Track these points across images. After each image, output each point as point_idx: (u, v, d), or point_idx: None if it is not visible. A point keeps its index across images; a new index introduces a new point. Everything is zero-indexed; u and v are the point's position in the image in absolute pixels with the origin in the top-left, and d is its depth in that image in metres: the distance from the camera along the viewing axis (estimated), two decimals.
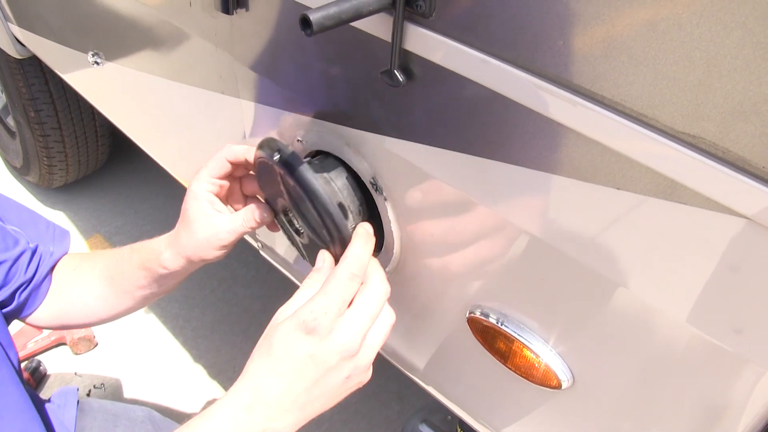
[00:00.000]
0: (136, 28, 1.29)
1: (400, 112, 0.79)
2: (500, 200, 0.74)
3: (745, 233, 0.55)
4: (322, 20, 0.64)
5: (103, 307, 1.08)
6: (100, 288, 1.07)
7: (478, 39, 0.66)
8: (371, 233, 0.85)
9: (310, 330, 0.75)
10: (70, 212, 2.78)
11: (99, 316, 1.09)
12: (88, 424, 1.18)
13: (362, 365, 0.79)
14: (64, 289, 1.09)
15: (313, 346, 0.76)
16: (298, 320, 0.76)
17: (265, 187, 0.96)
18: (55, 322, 1.10)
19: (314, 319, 0.75)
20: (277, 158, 0.84)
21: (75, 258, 1.13)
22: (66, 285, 1.09)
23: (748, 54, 0.49)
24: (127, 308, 1.09)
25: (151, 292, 1.05)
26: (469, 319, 0.87)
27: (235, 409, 0.76)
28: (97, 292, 1.07)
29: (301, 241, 0.97)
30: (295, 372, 0.76)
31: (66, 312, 1.09)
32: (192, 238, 0.95)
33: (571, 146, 0.63)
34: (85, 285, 1.08)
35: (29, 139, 2.44)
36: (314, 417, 0.80)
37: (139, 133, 1.67)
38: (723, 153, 0.53)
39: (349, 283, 0.78)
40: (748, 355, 0.61)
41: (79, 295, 1.08)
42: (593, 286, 0.71)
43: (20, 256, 1.02)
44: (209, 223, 0.94)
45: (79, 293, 1.08)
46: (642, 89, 0.56)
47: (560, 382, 0.81)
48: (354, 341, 0.77)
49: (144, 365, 2.22)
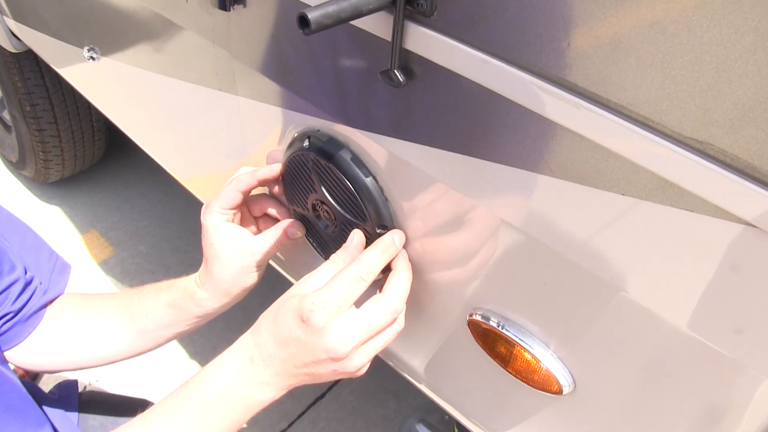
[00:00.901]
0: (132, 23, 1.28)
1: (399, 112, 0.77)
2: (502, 203, 0.73)
3: (754, 242, 0.54)
4: (320, 19, 0.63)
5: (118, 348, 1.04)
6: (116, 327, 1.03)
7: (480, 39, 0.64)
8: (394, 244, 0.85)
9: (305, 320, 0.77)
10: (66, 207, 2.76)
11: (110, 357, 1.05)
12: (91, 416, 1.17)
13: (350, 368, 0.79)
14: (67, 329, 1.03)
15: (305, 335, 0.77)
16: (299, 305, 0.78)
17: (293, 189, 0.95)
18: (42, 363, 1.03)
19: (311, 311, 0.76)
20: (307, 144, 0.84)
21: (78, 296, 1.08)
22: (70, 324, 1.03)
23: (760, 59, 0.47)
24: (145, 348, 1.05)
25: (176, 332, 1.03)
26: (470, 321, 0.86)
27: (242, 359, 0.81)
28: (112, 331, 1.03)
29: (331, 234, 0.96)
30: (288, 347, 0.79)
31: (63, 352, 1.03)
32: (226, 270, 0.95)
33: (574, 150, 0.62)
34: (97, 325, 1.03)
35: (25, 134, 2.42)
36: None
37: (135, 129, 1.66)
38: (732, 160, 0.52)
39: (353, 284, 0.78)
40: (748, 362, 0.60)
41: (87, 335, 1.03)
42: (596, 291, 0.70)
43: (13, 284, 0.96)
44: (240, 248, 0.94)
45: (87, 333, 1.03)
46: (649, 93, 0.54)
47: (561, 388, 0.80)
48: (343, 346, 0.76)
49: (140, 361, 2.21)
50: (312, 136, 0.87)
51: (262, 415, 2.02)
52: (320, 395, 2.11)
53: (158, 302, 1.00)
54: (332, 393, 2.12)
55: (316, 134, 0.88)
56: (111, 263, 2.52)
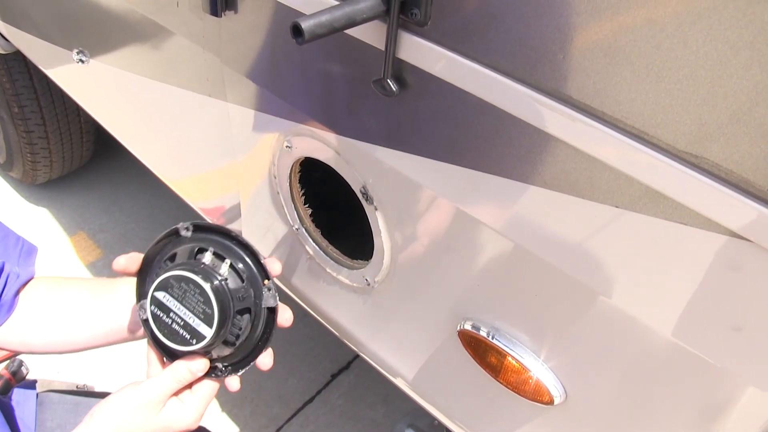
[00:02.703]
0: (122, 27, 1.27)
1: (392, 122, 0.77)
2: (494, 214, 0.73)
3: (746, 254, 0.54)
4: (314, 28, 0.62)
5: (99, 328, 1.01)
6: (96, 306, 1.01)
7: (474, 49, 0.64)
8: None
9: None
10: (54, 209, 2.74)
11: (91, 337, 1.01)
12: (49, 416, 1.15)
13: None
14: (45, 309, 1.01)
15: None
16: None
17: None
18: (17, 343, 1.02)
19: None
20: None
21: (52, 278, 1.05)
22: (47, 305, 1.02)
23: (755, 74, 0.47)
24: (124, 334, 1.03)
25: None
26: (460, 332, 0.86)
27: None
28: (92, 309, 1.01)
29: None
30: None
31: (42, 333, 1.01)
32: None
33: (568, 162, 0.62)
34: (75, 302, 1.01)
35: (13, 135, 2.40)
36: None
37: (123, 132, 1.65)
38: (726, 174, 0.52)
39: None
40: (734, 370, 0.61)
41: (65, 315, 1.01)
42: (587, 302, 0.70)
43: None
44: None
45: (65, 312, 1.01)
46: (644, 107, 0.54)
47: (552, 398, 0.79)
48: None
49: (127, 365, 2.19)
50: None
51: (251, 419, 2.02)
52: (309, 399, 2.10)
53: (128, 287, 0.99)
54: (321, 397, 2.11)
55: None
56: (99, 266, 2.50)
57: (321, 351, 2.19)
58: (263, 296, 0.84)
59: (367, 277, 0.97)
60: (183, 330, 0.82)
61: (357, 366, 2.17)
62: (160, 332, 0.82)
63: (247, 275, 0.83)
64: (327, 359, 2.18)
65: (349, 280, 1.01)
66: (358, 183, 0.86)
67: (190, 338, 0.81)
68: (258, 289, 0.84)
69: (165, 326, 0.82)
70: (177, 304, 0.82)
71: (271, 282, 0.84)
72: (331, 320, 1.15)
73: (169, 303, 0.82)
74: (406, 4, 0.66)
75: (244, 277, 0.83)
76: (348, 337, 1.13)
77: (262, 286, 0.84)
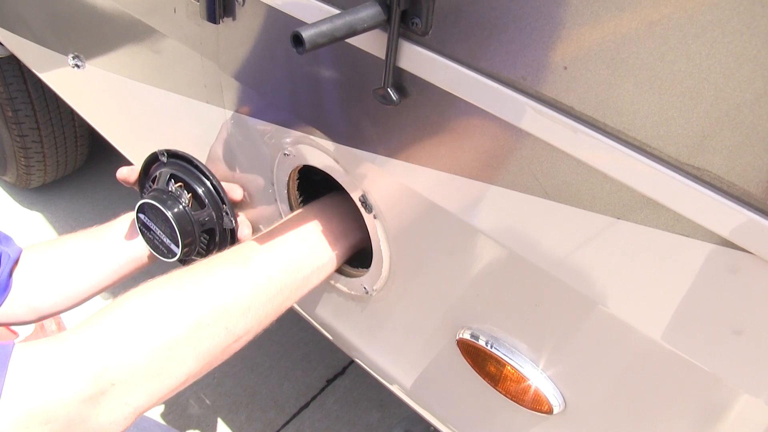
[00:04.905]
0: (119, 32, 1.26)
1: (392, 131, 0.77)
2: (494, 224, 0.72)
3: (745, 265, 0.54)
4: (314, 38, 0.62)
5: (103, 270, 1.05)
6: (94, 247, 1.05)
7: (476, 59, 0.64)
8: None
9: None
10: (48, 213, 2.73)
11: (98, 281, 1.05)
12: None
13: None
14: (45, 269, 1.03)
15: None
16: None
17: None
18: (25, 313, 1.03)
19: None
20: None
21: (41, 242, 1.09)
22: (47, 262, 1.04)
23: (759, 88, 0.47)
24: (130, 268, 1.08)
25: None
26: (459, 341, 0.86)
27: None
28: (92, 252, 1.04)
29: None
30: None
31: (47, 293, 1.03)
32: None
33: (569, 173, 0.62)
34: (74, 250, 1.05)
35: (6, 139, 2.39)
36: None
37: (119, 137, 1.64)
38: (728, 187, 0.52)
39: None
40: (728, 376, 0.61)
41: (68, 264, 1.04)
42: (586, 312, 0.70)
43: None
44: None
45: (67, 262, 1.04)
46: (646, 119, 0.54)
47: (551, 407, 0.79)
48: None
49: None
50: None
51: (246, 425, 2.01)
52: (304, 404, 2.09)
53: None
54: (317, 402, 2.10)
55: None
56: None
57: (316, 356, 2.18)
58: (223, 219, 1.02)
59: (366, 285, 0.96)
60: (161, 246, 1.01)
61: (352, 371, 2.16)
62: (150, 245, 1.02)
63: (209, 201, 1.02)
64: (322, 364, 2.17)
65: (347, 288, 1.01)
66: (357, 191, 0.86)
67: (167, 253, 1.00)
68: (219, 212, 1.02)
69: (150, 241, 1.02)
70: (154, 225, 1.01)
71: (227, 206, 1.02)
72: (328, 328, 1.14)
73: (149, 223, 1.01)
74: (408, 13, 0.65)
75: (206, 203, 1.01)
76: (346, 345, 1.13)
77: (222, 210, 1.02)
